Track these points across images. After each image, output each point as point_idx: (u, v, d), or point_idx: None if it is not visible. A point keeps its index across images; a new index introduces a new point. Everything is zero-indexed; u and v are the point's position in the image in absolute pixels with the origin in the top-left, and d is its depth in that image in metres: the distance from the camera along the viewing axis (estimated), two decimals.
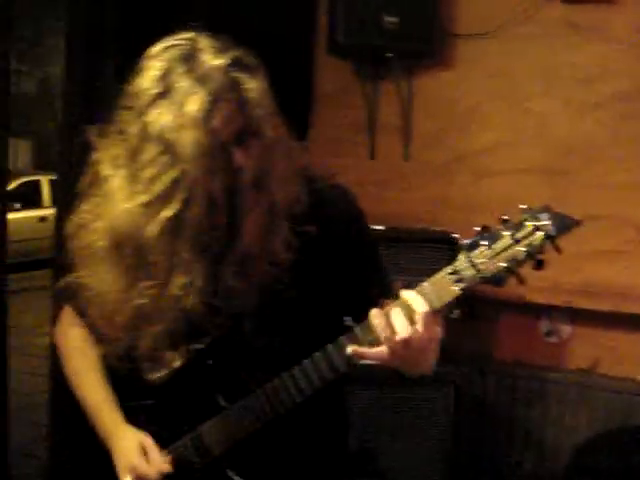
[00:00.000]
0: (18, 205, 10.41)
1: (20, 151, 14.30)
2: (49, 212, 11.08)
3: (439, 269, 1.27)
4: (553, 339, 3.15)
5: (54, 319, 2.58)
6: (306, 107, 3.29)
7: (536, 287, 2.89)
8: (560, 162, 3.04)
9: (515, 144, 3.12)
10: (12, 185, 10.16)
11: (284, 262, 1.33)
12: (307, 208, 1.37)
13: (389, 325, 1.23)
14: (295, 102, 1.38)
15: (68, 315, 1.64)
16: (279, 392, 1.37)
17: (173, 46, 1.27)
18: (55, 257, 2.63)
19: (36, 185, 11.40)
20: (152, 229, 1.24)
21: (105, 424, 1.54)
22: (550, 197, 2.77)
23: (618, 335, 3.02)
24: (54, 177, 11.63)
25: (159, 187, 1.22)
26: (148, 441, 1.49)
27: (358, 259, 1.47)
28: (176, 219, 1.23)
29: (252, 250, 1.30)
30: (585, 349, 3.10)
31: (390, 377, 1.44)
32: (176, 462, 1.48)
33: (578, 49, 2.99)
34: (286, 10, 3.13)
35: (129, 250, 1.29)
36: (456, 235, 2.69)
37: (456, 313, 2.71)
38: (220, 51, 1.26)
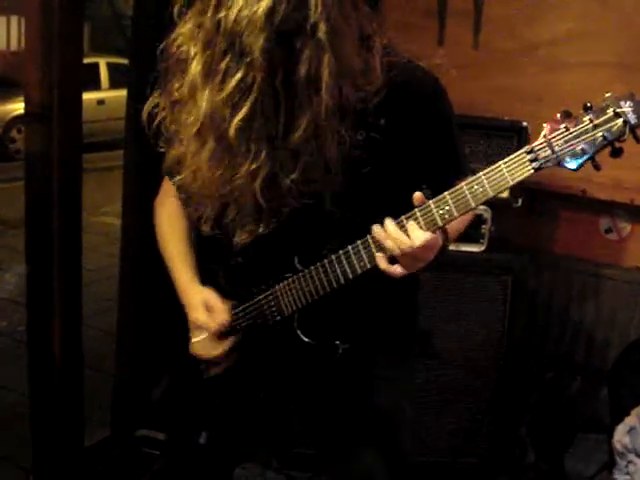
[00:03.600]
0: None
1: None
2: (107, 95, 11.16)
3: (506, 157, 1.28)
4: (612, 236, 3.14)
5: (126, 198, 2.69)
6: None
7: (598, 183, 2.88)
8: (636, 57, 2.93)
9: (590, 36, 2.97)
10: None
11: (333, 159, 1.35)
12: (386, 94, 1.39)
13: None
14: None
15: (166, 185, 1.71)
16: (349, 259, 1.43)
17: None
18: (126, 140, 2.69)
19: (94, 68, 11.41)
20: (230, 128, 1.28)
21: (181, 282, 1.67)
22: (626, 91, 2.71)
23: None
24: (112, 60, 11.67)
25: (231, 85, 1.25)
26: (212, 296, 1.60)
27: (434, 140, 1.50)
28: (250, 116, 1.27)
29: (303, 147, 1.32)
30: None
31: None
32: (250, 319, 1.58)
33: None
34: None
35: (212, 138, 1.34)
36: (526, 124, 2.66)
37: (519, 202, 2.72)
38: None
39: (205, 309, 1.59)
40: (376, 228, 1.37)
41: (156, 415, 2.73)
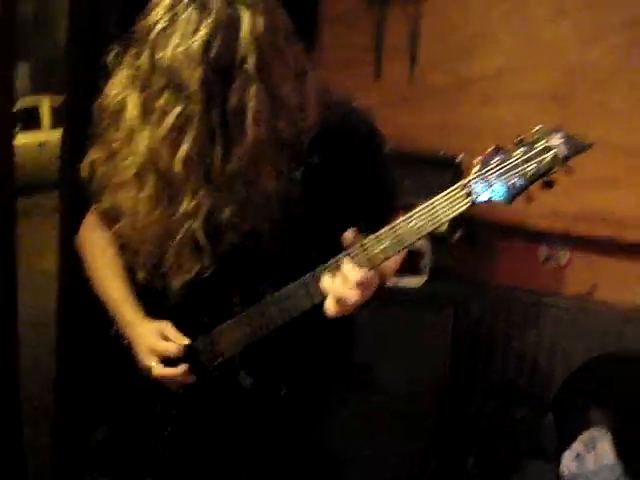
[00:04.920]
0: (16, 128, 10.29)
1: (19, 73, 14.09)
2: (49, 136, 11.00)
3: (441, 192, 1.30)
4: (551, 265, 3.19)
5: (62, 240, 2.63)
6: (312, 29, 3.26)
7: (535, 213, 2.93)
8: (567, 89, 3.01)
9: (522, 70, 3.07)
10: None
11: (271, 192, 1.35)
12: (321, 132, 1.41)
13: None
14: (302, 24, 1.41)
15: (92, 219, 1.67)
16: (286, 300, 1.41)
17: None
18: (61, 181, 2.63)
19: (35, 109, 11.28)
20: (174, 164, 1.28)
21: (126, 315, 1.60)
22: (556, 124, 2.79)
23: (615, 262, 3.05)
24: (54, 101, 11.53)
25: (170, 120, 1.25)
26: (167, 325, 1.55)
27: (370, 179, 1.52)
28: (192, 150, 1.27)
29: (238, 179, 1.32)
30: (582, 275, 3.14)
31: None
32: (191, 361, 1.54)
33: None
34: None
35: (153, 177, 1.33)
36: (459, 159, 2.70)
37: (457, 236, 2.76)
38: None
39: (159, 336, 1.54)
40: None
41: (100, 461, 2.66)
